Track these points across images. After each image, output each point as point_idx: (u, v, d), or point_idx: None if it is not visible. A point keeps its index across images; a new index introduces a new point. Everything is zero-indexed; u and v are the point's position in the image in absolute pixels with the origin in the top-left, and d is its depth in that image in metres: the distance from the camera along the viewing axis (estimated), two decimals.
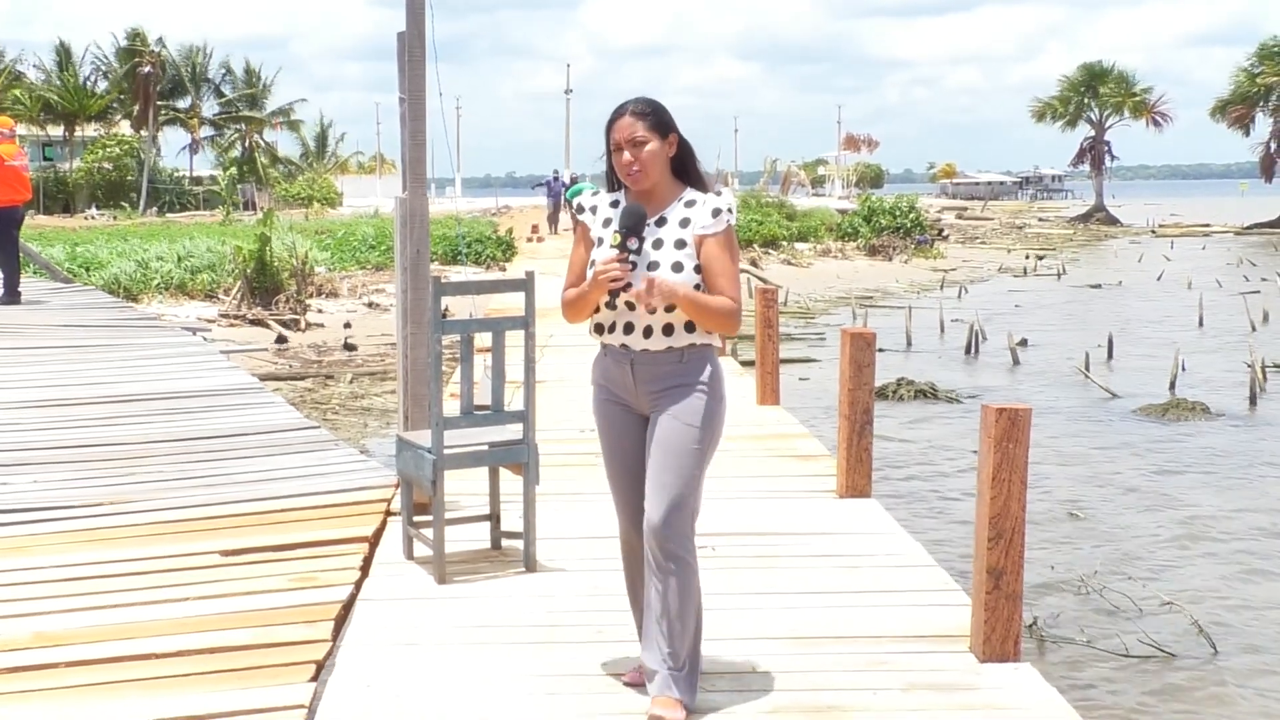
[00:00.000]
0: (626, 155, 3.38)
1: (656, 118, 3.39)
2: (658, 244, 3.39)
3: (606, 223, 3.47)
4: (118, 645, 3.99)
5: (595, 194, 3.57)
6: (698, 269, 3.38)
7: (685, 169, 3.48)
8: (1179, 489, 9.34)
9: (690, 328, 3.39)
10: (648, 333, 3.39)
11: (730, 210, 3.42)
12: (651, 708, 3.40)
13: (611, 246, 3.37)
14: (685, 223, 3.41)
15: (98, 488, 6.06)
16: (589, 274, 3.40)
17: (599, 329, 3.48)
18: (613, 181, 3.51)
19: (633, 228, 3.36)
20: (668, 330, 3.39)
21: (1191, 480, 9.66)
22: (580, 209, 3.56)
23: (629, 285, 3.33)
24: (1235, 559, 7.61)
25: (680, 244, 3.39)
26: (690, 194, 3.46)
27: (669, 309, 3.34)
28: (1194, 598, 6.73)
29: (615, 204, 3.49)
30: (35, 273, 16.44)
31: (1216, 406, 12.42)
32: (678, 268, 3.36)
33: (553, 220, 35.18)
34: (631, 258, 3.34)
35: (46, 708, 3.55)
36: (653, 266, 3.36)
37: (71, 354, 10.23)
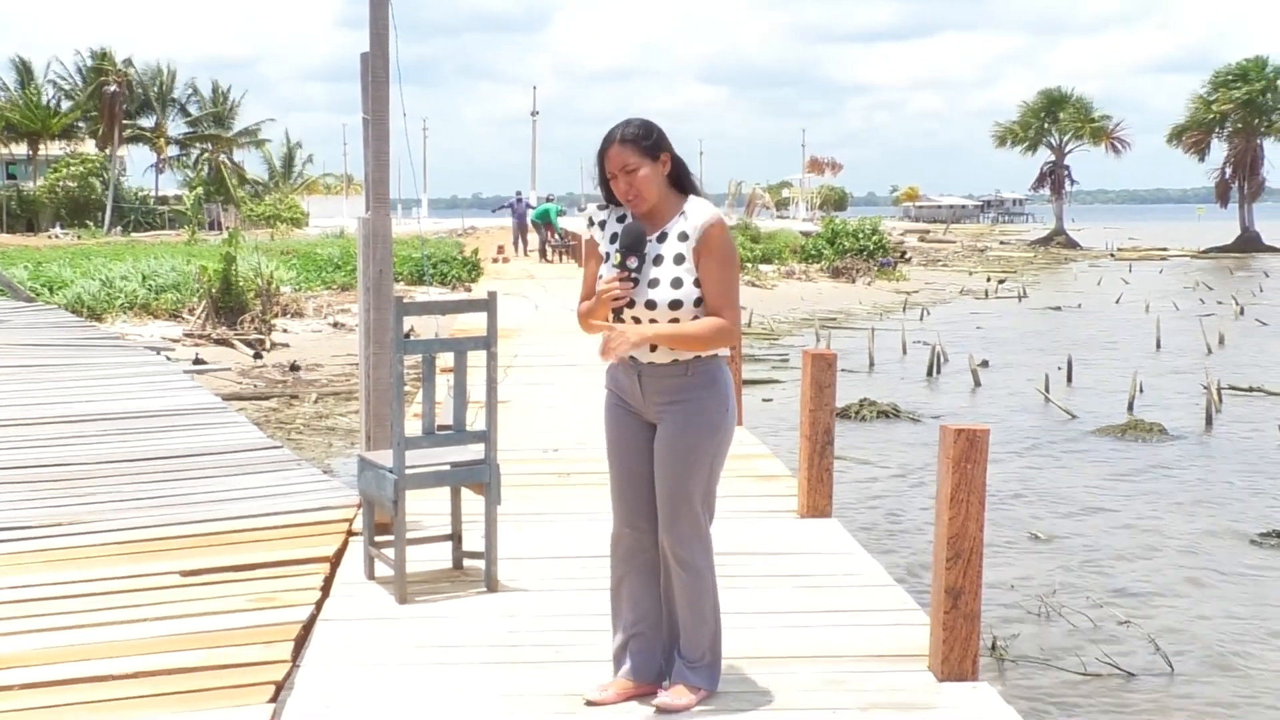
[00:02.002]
0: (622, 183, 3.43)
1: (646, 141, 3.43)
2: (658, 260, 3.44)
3: (614, 238, 3.53)
4: (74, 667, 3.95)
5: (604, 209, 3.59)
6: (698, 282, 3.42)
7: (682, 183, 3.52)
8: (1137, 508, 9.45)
9: None
10: (653, 347, 3.44)
11: (710, 223, 3.40)
12: (659, 697, 3.53)
13: (613, 265, 3.43)
14: (683, 236, 3.45)
15: (54, 508, 6.00)
16: (597, 290, 3.47)
17: None
18: (608, 199, 3.55)
19: (632, 246, 3.42)
20: None
21: (1149, 499, 9.77)
22: (590, 223, 3.60)
23: (633, 302, 3.41)
24: (1192, 577, 7.70)
25: (679, 259, 3.43)
26: (689, 205, 3.48)
27: (672, 322, 3.39)
28: (1151, 616, 6.81)
29: (622, 219, 3.54)
30: None
31: (1173, 427, 12.58)
32: (677, 283, 3.41)
33: (518, 241, 35.18)
34: (634, 275, 3.40)
35: None
36: (654, 283, 3.41)
37: (32, 374, 10.13)
